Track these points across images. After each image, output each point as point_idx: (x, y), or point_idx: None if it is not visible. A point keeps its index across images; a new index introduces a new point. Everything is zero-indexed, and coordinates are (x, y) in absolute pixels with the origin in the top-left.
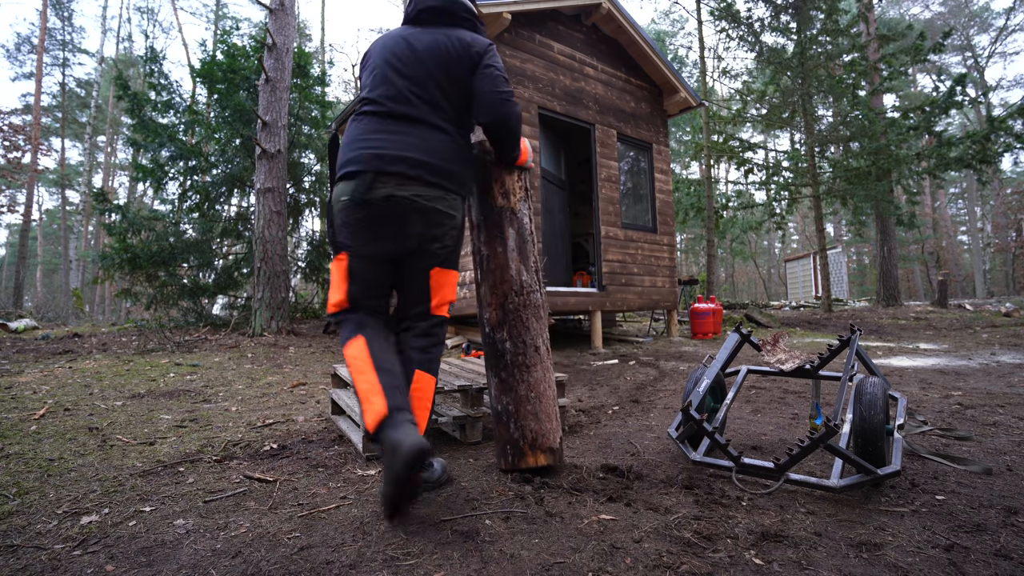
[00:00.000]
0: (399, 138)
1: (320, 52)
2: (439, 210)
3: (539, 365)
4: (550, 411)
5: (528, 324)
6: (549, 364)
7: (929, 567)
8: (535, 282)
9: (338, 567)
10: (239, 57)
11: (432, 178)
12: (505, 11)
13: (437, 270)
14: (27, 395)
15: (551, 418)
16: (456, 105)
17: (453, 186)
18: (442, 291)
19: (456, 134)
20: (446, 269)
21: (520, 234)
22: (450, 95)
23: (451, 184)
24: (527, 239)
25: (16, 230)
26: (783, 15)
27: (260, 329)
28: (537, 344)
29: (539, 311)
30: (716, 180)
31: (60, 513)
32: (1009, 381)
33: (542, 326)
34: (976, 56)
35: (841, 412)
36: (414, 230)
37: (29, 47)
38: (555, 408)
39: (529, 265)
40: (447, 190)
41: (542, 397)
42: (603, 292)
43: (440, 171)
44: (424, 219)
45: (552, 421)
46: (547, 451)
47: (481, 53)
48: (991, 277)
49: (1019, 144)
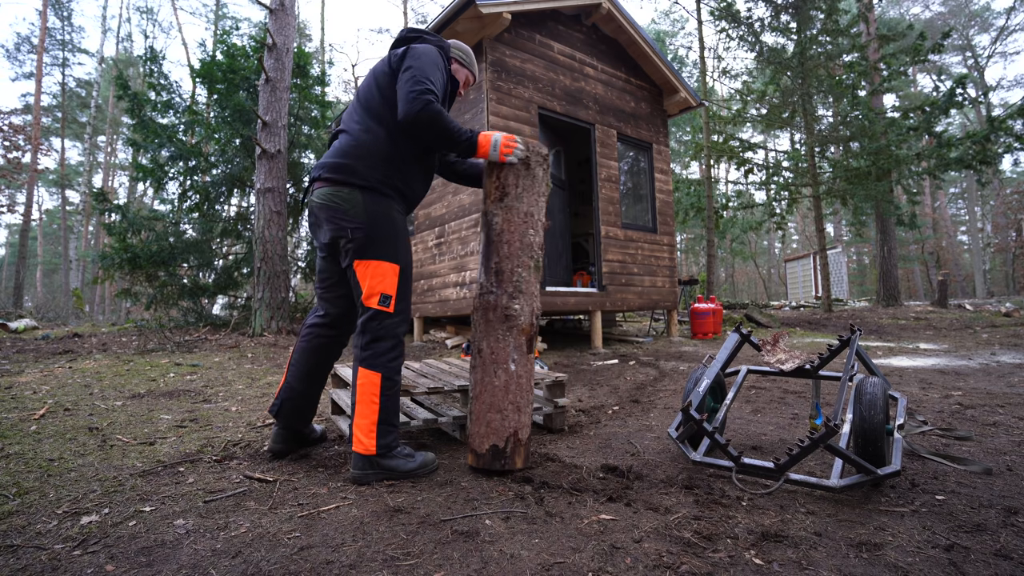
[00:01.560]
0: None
1: (320, 52)
2: (328, 205)
3: (480, 367)
4: (488, 415)
5: (476, 322)
6: (496, 367)
7: (929, 567)
8: (492, 284)
9: (338, 567)
10: (239, 57)
11: (328, 174)
12: (505, 11)
13: (357, 262)
14: (27, 395)
15: (488, 423)
16: (384, 110)
17: (342, 177)
18: (367, 282)
19: (372, 133)
20: (366, 260)
21: (487, 235)
22: (381, 104)
23: (340, 176)
24: (492, 240)
25: (16, 230)
26: (783, 15)
27: (260, 329)
28: (480, 346)
29: (487, 313)
30: (716, 180)
31: (60, 513)
32: (1009, 381)
33: (489, 330)
34: (976, 56)
35: (841, 412)
36: (322, 228)
37: (29, 47)
38: (497, 413)
39: (489, 267)
40: (337, 183)
41: (478, 399)
42: (603, 292)
43: (333, 167)
44: (324, 215)
45: (485, 426)
46: (475, 454)
47: (400, 56)
48: (991, 277)
49: (1019, 144)
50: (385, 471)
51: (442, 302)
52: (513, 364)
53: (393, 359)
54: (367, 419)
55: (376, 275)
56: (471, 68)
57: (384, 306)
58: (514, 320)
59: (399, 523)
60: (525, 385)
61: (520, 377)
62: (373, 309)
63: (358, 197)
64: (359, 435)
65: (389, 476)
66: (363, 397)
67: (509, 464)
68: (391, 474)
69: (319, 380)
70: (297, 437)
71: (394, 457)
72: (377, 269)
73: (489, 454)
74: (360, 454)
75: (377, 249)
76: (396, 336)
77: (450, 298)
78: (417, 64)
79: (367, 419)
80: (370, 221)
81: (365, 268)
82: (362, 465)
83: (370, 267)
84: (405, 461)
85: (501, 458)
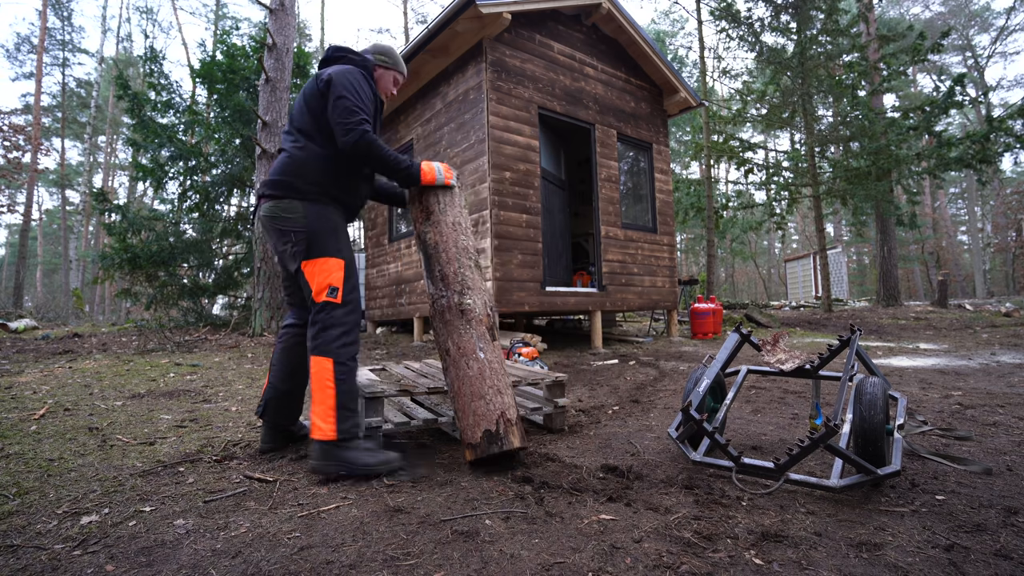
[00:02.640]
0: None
1: (320, 52)
2: (272, 216)
3: (451, 366)
4: (472, 404)
5: (436, 328)
6: (467, 359)
7: (929, 567)
8: (441, 288)
9: (338, 567)
10: (239, 57)
11: (269, 191)
12: (505, 11)
13: (304, 264)
14: (27, 395)
15: (475, 411)
16: (315, 128)
17: (281, 192)
18: (315, 279)
19: (306, 150)
20: (312, 259)
21: (424, 251)
22: (312, 123)
23: (280, 191)
24: (430, 253)
25: (16, 230)
26: (783, 15)
27: (260, 329)
28: (447, 347)
29: (444, 314)
30: (716, 180)
31: (60, 513)
32: (1009, 381)
33: (450, 329)
34: (976, 56)
35: (841, 412)
36: (271, 241)
37: (29, 47)
38: (480, 400)
39: (434, 276)
40: (278, 197)
41: (459, 394)
42: (603, 292)
43: (273, 183)
44: (270, 227)
45: (472, 415)
46: (471, 447)
47: (327, 83)
48: (991, 277)
49: (1019, 144)
50: (345, 463)
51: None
52: (482, 352)
53: (344, 345)
54: (323, 405)
55: (322, 271)
56: (397, 68)
57: (332, 297)
58: (470, 313)
59: (399, 523)
60: (499, 369)
61: (492, 363)
62: (323, 302)
63: (297, 206)
64: (317, 422)
65: (348, 468)
66: (318, 384)
67: (507, 444)
68: (351, 467)
69: (300, 378)
70: (285, 435)
71: (355, 449)
72: (323, 265)
73: (484, 440)
74: (320, 441)
75: (321, 248)
76: (346, 324)
77: None
78: (347, 92)
79: (323, 405)
80: (311, 224)
81: (312, 267)
82: (321, 455)
83: (316, 265)
84: (366, 455)
85: (497, 440)
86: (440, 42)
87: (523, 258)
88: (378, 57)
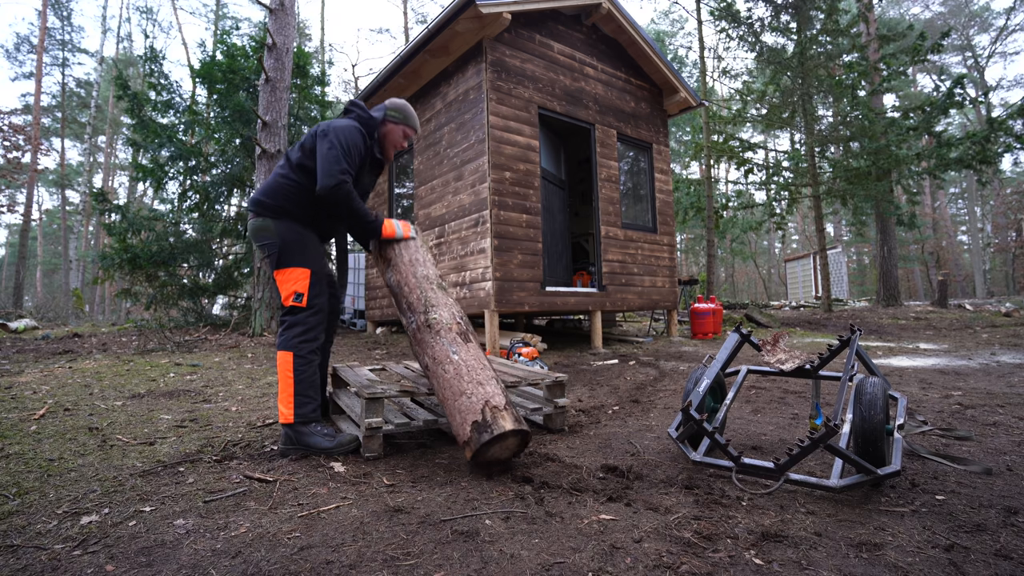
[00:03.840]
0: None
1: (320, 52)
2: (254, 231)
3: (432, 376)
4: (456, 403)
5: (415, 351)
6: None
7: (929, 567)
8: (409, 315)
9: (338, 567)
10: (239, 57)
11: (253, 208)
12: (505, 11)
13: (276, 272)
14: (27, 395)
15: (459, 409)
16: (303, 164)
17: (259, 210)
18: (284, 286)
19: (288, 180)
20: (282, 269)
21: (392, 291)
22: (301, 158)
23: (259, 209)
24: (395, 292)
25: (16, 230)
26: (783, 15)
27: (260, 329)
28: (425, 362)
29: (416, 335)
30: (716, 180)
31: (60, 513)
32: (1009, 381)
33: (424, 346)
34: (976, 56)
35: (841, 412)
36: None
37: (29, 47)
38: (462, 396)
39: (403, 307)
40: (258, 215)
41: (444, 400)
42: (603, 292)
43: (256, 203)
44: (253, 239)
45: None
46: (467, 444)
47: (324, 130)
48: (991, 277)
49: (1019, 144)
50: (304, 447)
51: None
52: (455, 355)
53: (303, 341)
54: (285, 393)
55: (290, 279)
56: (407, 123)
57: (297, 302)
58: (437, 324)
59: (399, 523)
60: (476, 366)
61: (467, 361)
62: (289, 306)
63: (270, 223)
64: (281, 408)
65: (308, 451)
66: (281, 375)
67: (497, 428)
68: (310, 450)
69: (321, 371)
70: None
71: (313, 435)
72: (291, 274)
73: (475, 432)
74: (283, 425)
75: (290, 258)
76: (307, 324)
77: None
78: (338, 143)
79: (285, 393)
80: (282, 238)
81: (282, 275)
82: (285, 440)
83: (285, 274)
84: (324, 440)
85: (487, 428)
86: (440, 42)
87: (523, 258)
88: (389, 112)
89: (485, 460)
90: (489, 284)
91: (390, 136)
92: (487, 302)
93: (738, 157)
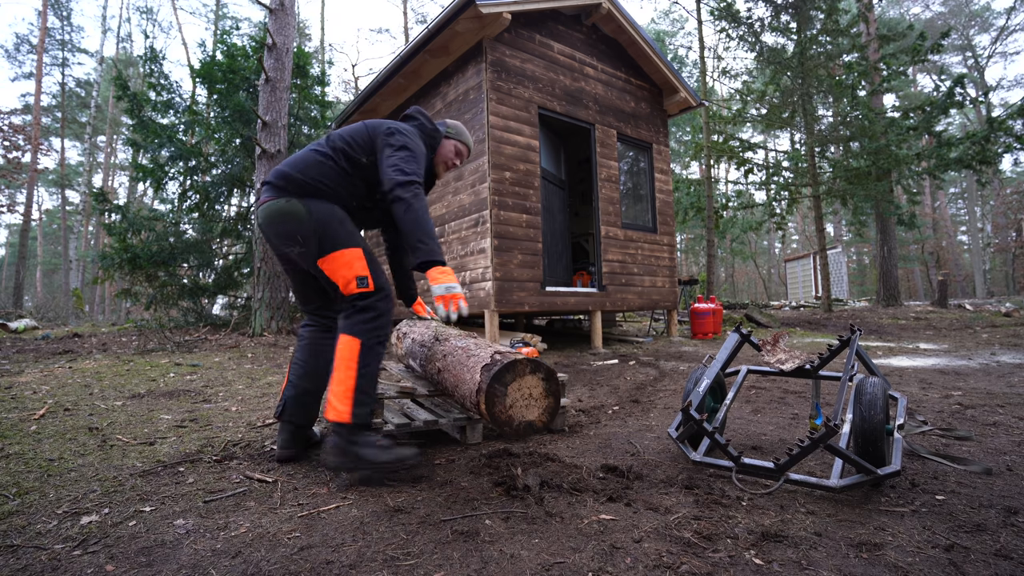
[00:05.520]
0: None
1: (320, 52)
2: (271, 218)
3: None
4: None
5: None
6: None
7: (929, 567)
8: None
9: (338, 567)
10: (239, 57)
11: (278, 182)
12: (505, 11)
13: (320, 261)
14: (27, 395)
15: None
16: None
17: (286, 185)
18: (338, 275)
19: (334, 161)
20: (327, 255)
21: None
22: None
23: (286, 184)
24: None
25: (16, 230)
26: (783, 15)
27: (260, 329)
28: (436, 367)
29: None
30: (716, 180)
31: (60, 513)
32: (1009, 381)
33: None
34: (976, 56)
35: (841, 412)
36: (271, 245)
37: (28, 47)
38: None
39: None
40: (275, 197)
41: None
42: (603, 292)
43: (278, 178)
44: (270, 232)
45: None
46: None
47: (394, 128)
48: (991, 277)
49: (1019, 144)
50: (361, 461)
51: None
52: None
53: (374, 328)
54: (343, 385)
55: (343, 264)
56: (460, 138)
57: (363, 286)
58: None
59: (399, 523)
60: (483, 343)
61: (476, 341)
62: (354, 294)
63: (299, 206)
64: (333, 401)
65: (360, 466)
66: (340, 363)
67: (508, 359)
68: (363, 464)
69: (321, 378)
70: (303, 438)
71: (370, 445)
72: (343, 257)
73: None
74: (335, 427)
75: (336, 240)
76: (378, 309)
77: None
78: (412, 145)
79: (343, 385)
80: (317, 220)
81: (333, 261)
82: (335, 451)
83: (335, 259)
84: (381, 451)
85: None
86: (440, 42)
87: (523, 258)
88: (448, 130)
89: (506, 417)
90: (489, 284)
91: (443, 150)
92: (487, 302)
93: (738, 157)
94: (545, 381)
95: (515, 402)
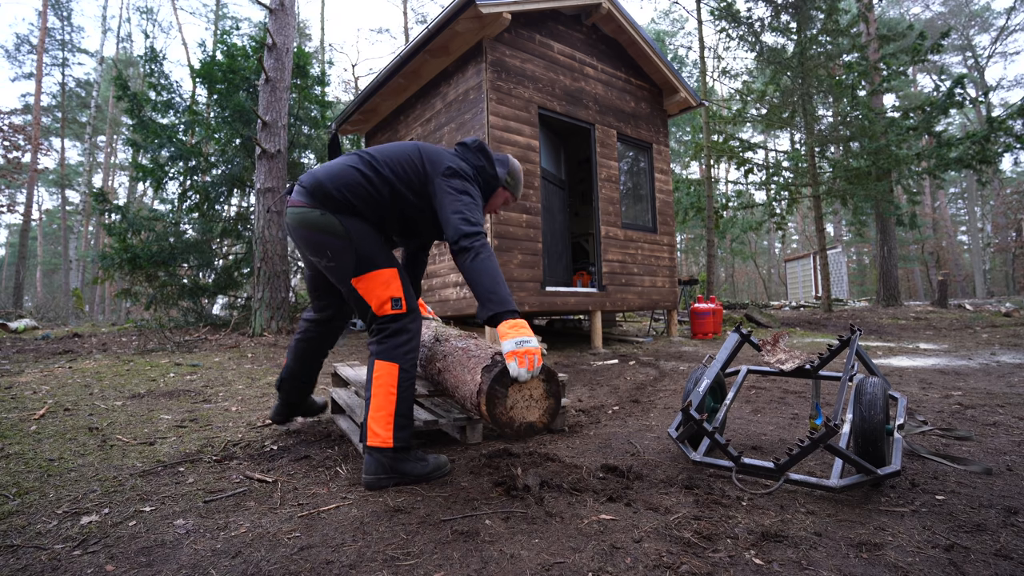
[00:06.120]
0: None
1: (320, 52)
2: (303, 224)
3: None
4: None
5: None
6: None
7: (929, 567)
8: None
9: (338, 567)
10: (239, 57)
11: (312, 190)
12: (505, 11)
13: (354, 280)
14: (27, 395)
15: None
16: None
17: (322, 198)
18: (373, 294)
19: (375, 185)
20: (363, 275)
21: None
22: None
23: (322, 197)
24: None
25: (16, 230)
26: (783, 15)
27: (260, 329)
28: (437, 368)
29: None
30: (716, 180)
31: (60, 513)
32: (1009, 381)
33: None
34: (976, 56)
35: (841, 412)
36: (298, 246)
37: (29, 47)
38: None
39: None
40: (317, 206)
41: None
42: (603, 292)
43: (318, 186)
44: (299, 236)
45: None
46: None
47: (424, 164)
48: (991, 277)
49: (1019, 144)
50: (400, 475)
51: (442, 302)
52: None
53: (409, 352)
54: (383, 411)
55: (379, 284)
56: (515, 191)
57: (397, 308)
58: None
59: (399, 523)
60: (483, 344)
61: (476, 342)
62: (388, 315)
63: (334, 220)
64: (374, 428)
65: (405, 481)
66: (379, 390)
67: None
68: (404, 479)
69: (315, 362)
70: (294, 409)
71: (408, 460)
72: (379, 278)
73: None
74: (375, 449)
75: (373, 260)
76: (410, 331)
77: (450, 298)
78: (474, 192)
79: (383, 411)
80: (353, 238)
81: (368, 281)
82: (378, 468)
83: (372, 279)
84: (419, 465)
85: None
86: (440, 42)
87: (523, 258)
88: (508, 180)
89: (507, 419)
90: None
91: (495, 201)
92: None
93: (738, 157)
94: (546, 382)
95: (516, 403)
